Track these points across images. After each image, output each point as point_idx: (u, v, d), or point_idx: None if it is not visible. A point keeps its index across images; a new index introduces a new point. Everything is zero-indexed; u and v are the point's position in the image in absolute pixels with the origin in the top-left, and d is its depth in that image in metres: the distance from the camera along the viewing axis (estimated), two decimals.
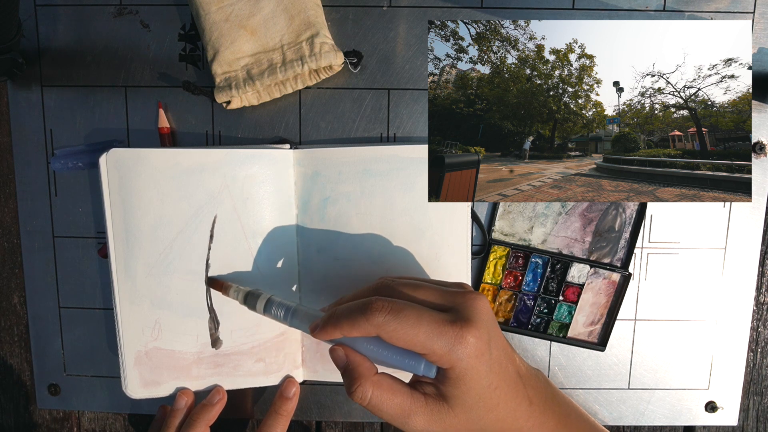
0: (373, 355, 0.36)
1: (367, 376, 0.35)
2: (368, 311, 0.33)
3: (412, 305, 0.34)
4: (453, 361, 0.33)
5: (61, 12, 0.46)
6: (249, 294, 0.41)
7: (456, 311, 0.34)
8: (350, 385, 0.35)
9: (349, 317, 0.34)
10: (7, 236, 0.50)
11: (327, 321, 0.36)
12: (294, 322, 0.39)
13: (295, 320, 0.39)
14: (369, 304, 0.34)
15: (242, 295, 0.42)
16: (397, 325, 0.33)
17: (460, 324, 0.33)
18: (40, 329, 0.50)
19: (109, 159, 0.42)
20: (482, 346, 0.33)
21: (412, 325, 0.33)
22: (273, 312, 0.40)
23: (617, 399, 0.50)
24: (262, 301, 0.41)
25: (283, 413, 0.46)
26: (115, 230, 0.43)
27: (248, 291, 0.42)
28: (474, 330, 0.33)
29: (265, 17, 0.44)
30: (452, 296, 0.35)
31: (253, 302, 0.41)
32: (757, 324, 0.51)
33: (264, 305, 0.40)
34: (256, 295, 0.41)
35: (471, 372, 0.33)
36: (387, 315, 0.33)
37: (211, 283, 0.44)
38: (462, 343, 0.32)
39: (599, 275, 0.49)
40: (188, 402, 0.45)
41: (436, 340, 0.32)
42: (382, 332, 0.33)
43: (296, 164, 0.45)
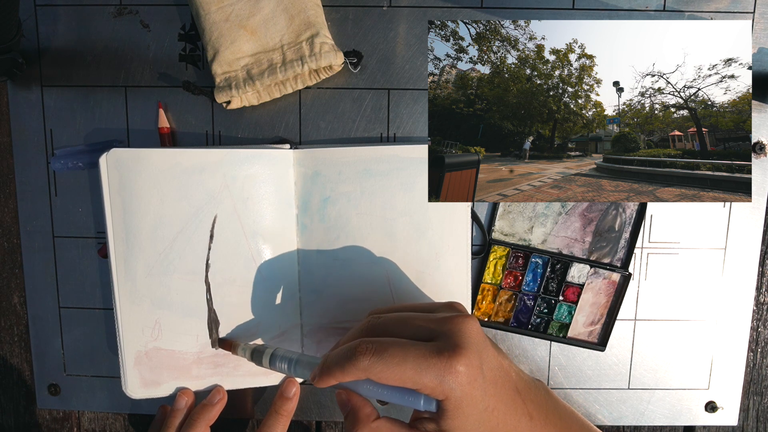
0: (373, 395, 0.36)
1: (366, 422, 0.35)
2: (354, 356, 0.33)
3: (396, 342, 0.33)
4: (446, 392, 0.32)
5: (61, 12, 0.46)
6: (255, 351, 0.43)
7: (443, 339, 0.34)
8: (350, 430, 0.35)
9: (338, 364, 0.34)
10: (7, 236, 0.50)
11: (321, 370, 0.36)
12: (297, 372, 0.40)
13: (298, 370, 0.40)
14: (354, 348, 0.34)
15: (249, 353, 0.43)
16: (383, 366, 0.32)
17: (447, 354, 0.32)
18: (40, 329, 0.50)
19: (109, 159, 0.42)
20: (473, 371, 0.33)
21: (398, 363, 0.32)
22: (278, 366, 0.41)
23: (617, 399, 0.50)
24: (267, 357, 0.42)
25: (284, 413, 0.46)
26: (115, 230, 0.43)
27: (254, 348, 0.43)
28: (462, 357, 0.32)
29: (265, 17, 0.44)
30: (438, 324, 0.35)
31: (258, 358, 0.42)
32: (757, 324, 0.51)
33: (269, 359, 0.42)
34: (261, 351, 0.42)
35: (466, 399, 0.33)
36: (372, 357, 0.33)
37: (221, 344, 0.45)
38: (452, 373, 0.32)
39: (599, 275, 0.49)
40: (188, 402, 0.45)
41: (425, 374, 0.32)
42: (371, 375, 0.33)
43: (296, 164, 0.45)
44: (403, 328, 0.35)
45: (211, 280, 0.44)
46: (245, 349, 0.43)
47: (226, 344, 0.45)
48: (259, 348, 0.43)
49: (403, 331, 0.35)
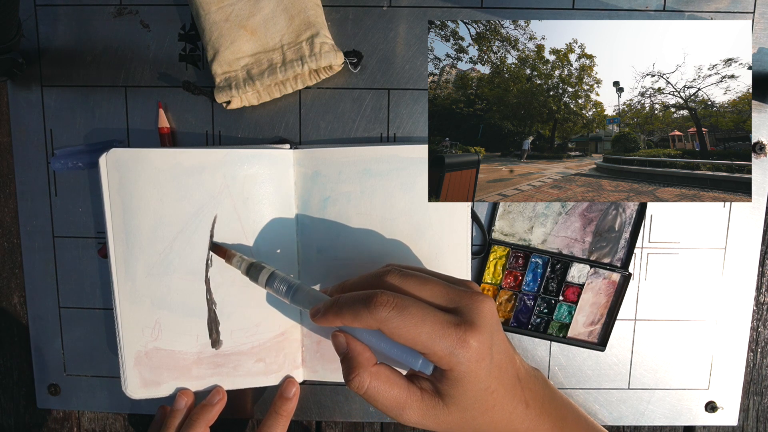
0: (372, 345, 0.36)
1: (366, 366, 0.35)
2: (372, 305, 0.33)
3: (416, 303, 0.33)
4: (453, 363, 0.32)
5: (61, 12, 0.46)
6: (252, 265, 0.41)
7: (461, 313, 0.34)
8: (348, 373, 0.35)
9: (351, 308, 0.34)
10: (7, 236, 0.50)
11: (329, 308, 0.35)
12: (295, 299, 0.39)
13: (296, 298, 0.39)
14: (373, 298, 0.33)
15: (245, 266, 0.41)
16: (400, 323, 0.32)
17: (464, 327, 0.33)
18: (40, 329, 0.50)
19: (109, 159, 0.42)
20: (484, 350, 0.33)
21: (416, 324, 0.32)
22: (275, 286, 0.40)
23: (617, 399, 0.50)
24: (265, 275, 0.40)
25: (283, 413, 0.46)
26: (115, 230, 0.43)
27: (252, 262, 0.41)
28: (477, 334, 0.33)
29: (265, 17, 0.44)
30: (458, 296, 0.35)
31: (255, 274, 0.41)
32: (757, 324, 0.51)
33: (266, 279, 0.40)
34: (260, 267, 0.41)
35: (470, 375, 0.33)
36: (391, 311, 0.32)
37: (214, 248, 0.43)
38: (464, 347, 0.32)
39: (599, 275, 0.49)
40: (188, 402, 0.45)
41: (438, 342, 0.32)
42: (385, 327, 0.33)
43: (296, 164, 0.45)
44: (421, 289, 0.35)
45: (211, 280, 0.44)
46: (241, 262, 0.42)
47: (221, 251, 0.43)
48: (258, 264, 0.41)
49: (421, 292, 0.35)
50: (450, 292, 0.35)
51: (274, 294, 0.41)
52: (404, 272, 0.36)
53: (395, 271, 0.37)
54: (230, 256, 0.42)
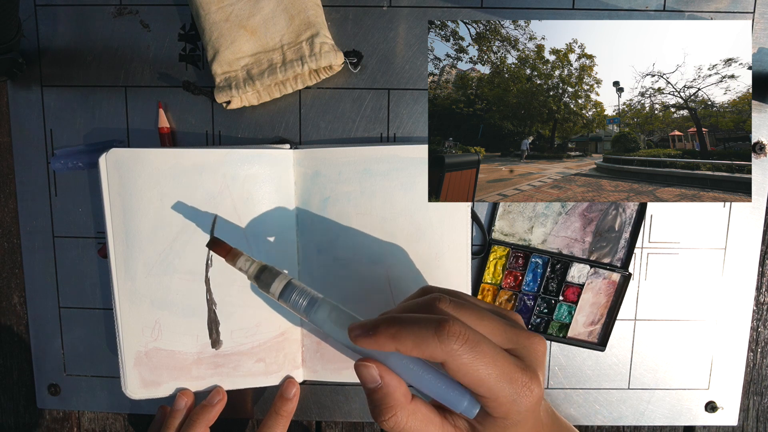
0: (411, 378, 0.32)
1: (404, 404, 0.31)
2: (444, 333, 0.29)
3: (487, 341, 0.30)
4: (511, 411, 0.30)
5: (61, 12, 0.46)
6: (265, 270, 0.35)
7: (521, 355, 0.31)
8: (382, 411, 0.31)
9: (415, 333, 0.29)
10: (7, 236, 0.50)
11: (383, 328, 0.30)
12: (317, 317, 0.34)
13: (318, 315, 0.33)
14: (444, 326, 0.29)
15: (255, 269, 0.35)
16: (471, 359, 0.29)
17: (528, 374, 0.30)
18: (40, 329, 0.50)
19: (109, 159, 0.42)
20: (540, 397, 0.31)
21: (486, 363, 0.29)
22: (292, 299, 0.34)
23: (617, 399, 0.50)
24: (280, 283, 0.34)
25: (284, 414, 0.46)
26: (115, 230, 0.43)
27: (264, 265, 0.35)
28: (539, 382, 0.30)
29: (265, 17, 0.44)
30: (516, 335, 0.32)
31: (268, 281, 0.34)
32: (757, 324, 0.51)
33: (282, 288, 0.34)
34: (274, 273, 0.34)
35: (520, 424, 0.31)
36: (463, 344, 0.29)
37: (214, 245, 0.37)
38: (528, 396, 0.30)
39: (599, 275, 0.49)
40: (188, 403, 0.45)
41: (505, 387, 0.29)
42: (451, 361, 0.29)
43: (296, 164, 0.45)
44: (479, 324, 0.32)
45: (211, 280, 0.44)
46: (250, 264, 0.35)
47: (222, 249, 0.36)
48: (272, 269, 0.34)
49: (479, 327, 0.31)
50: (508, 330, 0.32)
51: (287, 307, 0.35)
52: (456, 301, 0.33)
53: (445, 298, 0.32)
54: (234, 256, 0.36)
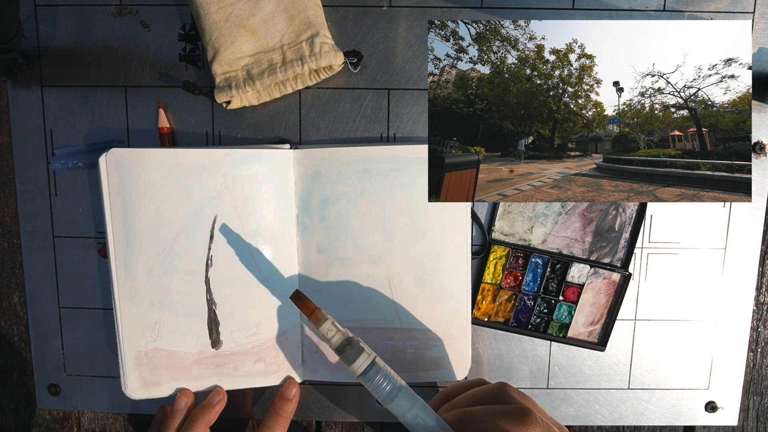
0: None
1: None
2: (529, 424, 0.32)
3: None
4: None
5: (61, 12, 0.46)
6: (349, 342, 0.35)
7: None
8: None
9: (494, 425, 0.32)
10: (7, 236, 0.50)
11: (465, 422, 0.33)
12: (396, 405, 0.34)
13: (396, 403, 0.34)
14: (528, 416, 0.32)
15: (339, 340, 0.35)
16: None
17: None
18: (40, 329, 0.50)
19: (109, 159, 0.42)
20: None
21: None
22: (375, 381, 0.34)
23: (617, 399, 0.50)
24: (364, 361, 0.34)
25: (284, 414, 0.46)
26: (115, 230, 0.43)
27: (350, 338, 0.35)
28: None
29: (265, 17, 0.44)
30: None
31: (350, 356, 0.34)
32: (757, 324, 0.51)
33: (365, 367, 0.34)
34: (358, 349, 0.34)
35: None
36: None
37: (298, 300, 0.37)
38: None
39: (599, 275, 0.49)
40: (188, 403, 0.45)
41: None
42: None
43: (296, 164, 0.45)
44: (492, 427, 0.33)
45: (211, 280, 0.44)
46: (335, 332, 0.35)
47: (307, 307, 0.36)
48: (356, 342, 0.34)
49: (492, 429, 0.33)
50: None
51: (365, 384, 0.35)
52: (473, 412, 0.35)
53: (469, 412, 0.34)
54: (321, 319, 0.36)
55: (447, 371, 0.47)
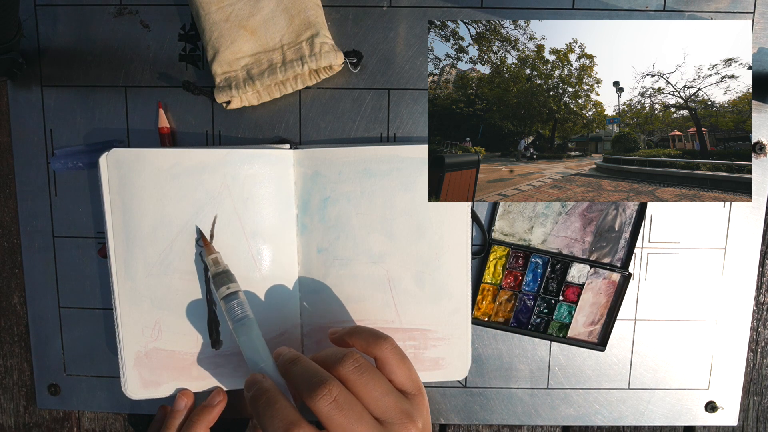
0: None
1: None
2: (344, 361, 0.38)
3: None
4: None
5: (61, 12, 0.46)
6: (224, 273, 0.42)
7: None
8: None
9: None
10: (7, 236, 0.50)
11: None
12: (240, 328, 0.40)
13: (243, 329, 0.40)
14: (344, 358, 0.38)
15: (217, 270, 0.42)
16: None
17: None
18: (40, 329, 0.50)
19: (109, 159, 0.42)
20: None
21: None
22: (230, 305, 0.40)
23: (617, 399, 0.50)
24: (228, 288, 0.41)
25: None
26: (115, 230, 0.43)
27: (226, 270, 0.42)
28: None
29: (265, 17, 0.44)
30: None
31: (220, 282, 0.41)
32: (757, 324, 0.51)
33: (227, 294, 0.41)
34: (229, 279, 0.41)
35: None
36: None
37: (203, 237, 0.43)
38: None
39: (599, 275, 0.49)
40: (188, 403, 0.45)
41: None
42: None
43: (296, 164, 0.45)
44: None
45: (211, 280, 0.44)
46: (217, 266, 0.42)
47: (206, 243, 0.43)
48: (230, 275, 0.41)
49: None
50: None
51: (223, 307, 0.41)
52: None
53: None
54: (210, 251, 0.43)
55: (447, 371, 0.47)
